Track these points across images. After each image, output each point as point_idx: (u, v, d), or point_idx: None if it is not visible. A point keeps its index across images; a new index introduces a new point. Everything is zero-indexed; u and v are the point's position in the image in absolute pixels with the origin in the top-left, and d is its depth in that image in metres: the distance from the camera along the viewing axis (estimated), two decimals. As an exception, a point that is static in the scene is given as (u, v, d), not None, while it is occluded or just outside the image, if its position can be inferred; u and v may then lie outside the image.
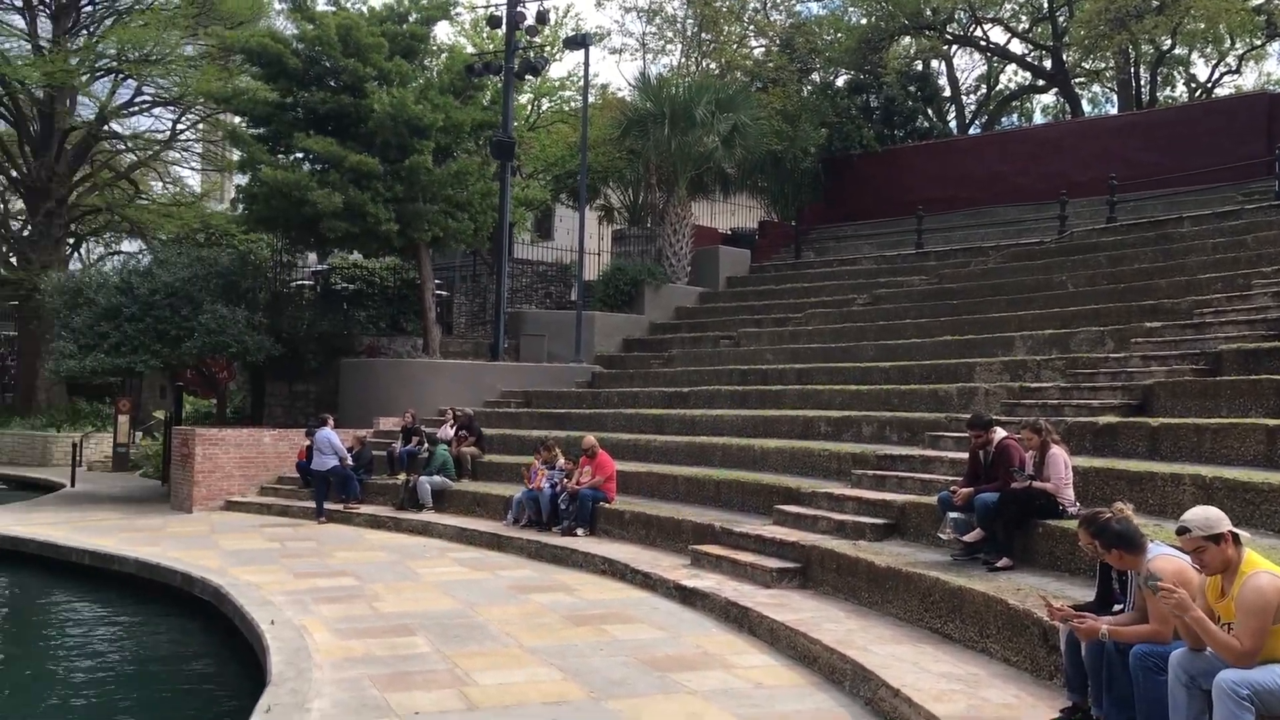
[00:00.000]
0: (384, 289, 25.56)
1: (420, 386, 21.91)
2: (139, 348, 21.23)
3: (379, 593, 11.56)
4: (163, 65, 34.42)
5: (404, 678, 8.10)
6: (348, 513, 17.74)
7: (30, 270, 32.99)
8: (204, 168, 44.27)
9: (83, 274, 24.96)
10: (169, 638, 12.07)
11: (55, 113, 35.35)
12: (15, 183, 37.98)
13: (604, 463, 14.83)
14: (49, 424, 33.72)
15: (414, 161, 21.09)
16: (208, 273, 22.40)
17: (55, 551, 15.84)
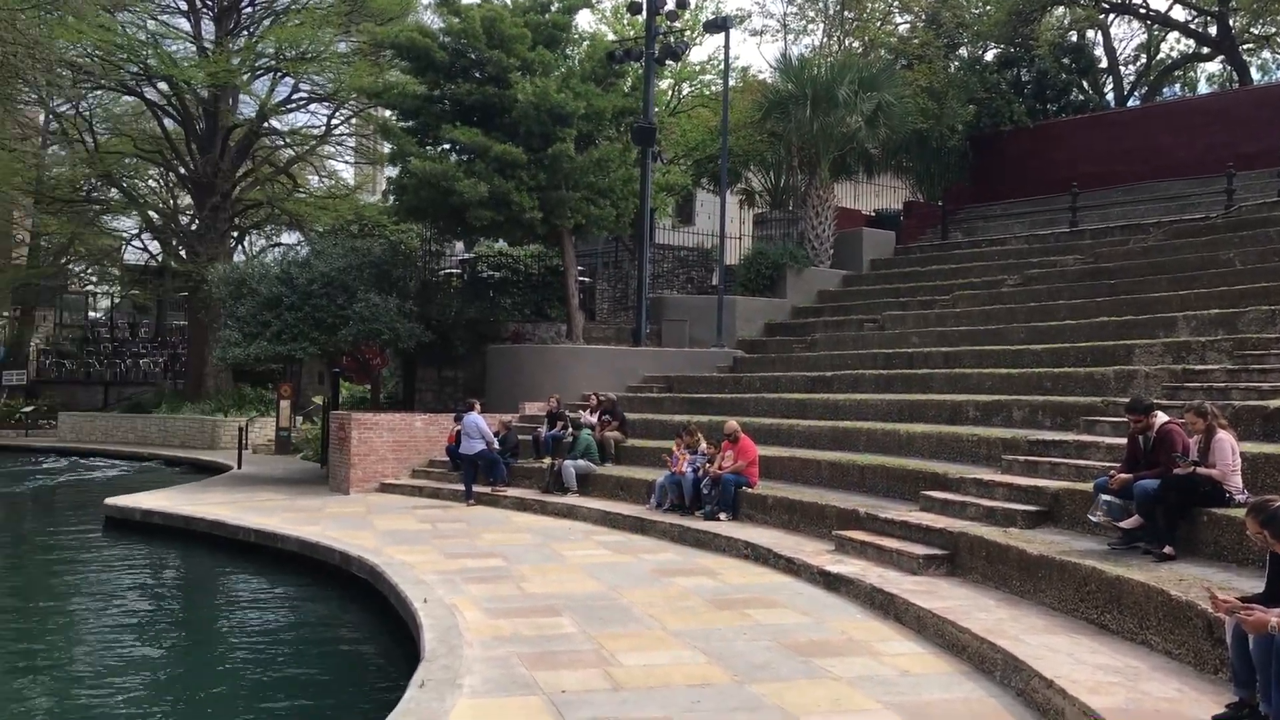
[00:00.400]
0: (528, 276, 26.01)
1: (564, 372, 22.23)
2: (298, 335, 22.15)
3: (526, 574, 11.80)
4: (318, 63, 35.74)
5: (550, 657, 8.26)
6: (495, 495, 18.15)
7: (198, 262, 34.74)
8: (357, 161, 45.82)
9: (246, 265, 26.12)
10: (328, 613, 12.57)
11: (219, 111, 37.08)
12: (184, 179, 40.03)
13: (746, 447, 14.78)
14: (217, 409, 35.51)
15: (557, 149, 21.36)
16: (361, 262, 23.18)
17: (224, 530, 16.66)
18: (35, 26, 30.06)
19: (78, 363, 46.79)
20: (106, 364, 46.26)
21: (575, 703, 7.09)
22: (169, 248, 41.82)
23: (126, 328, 50.88)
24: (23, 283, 45.61)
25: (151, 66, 35.51)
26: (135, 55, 35.28)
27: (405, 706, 7.06)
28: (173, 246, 41.35)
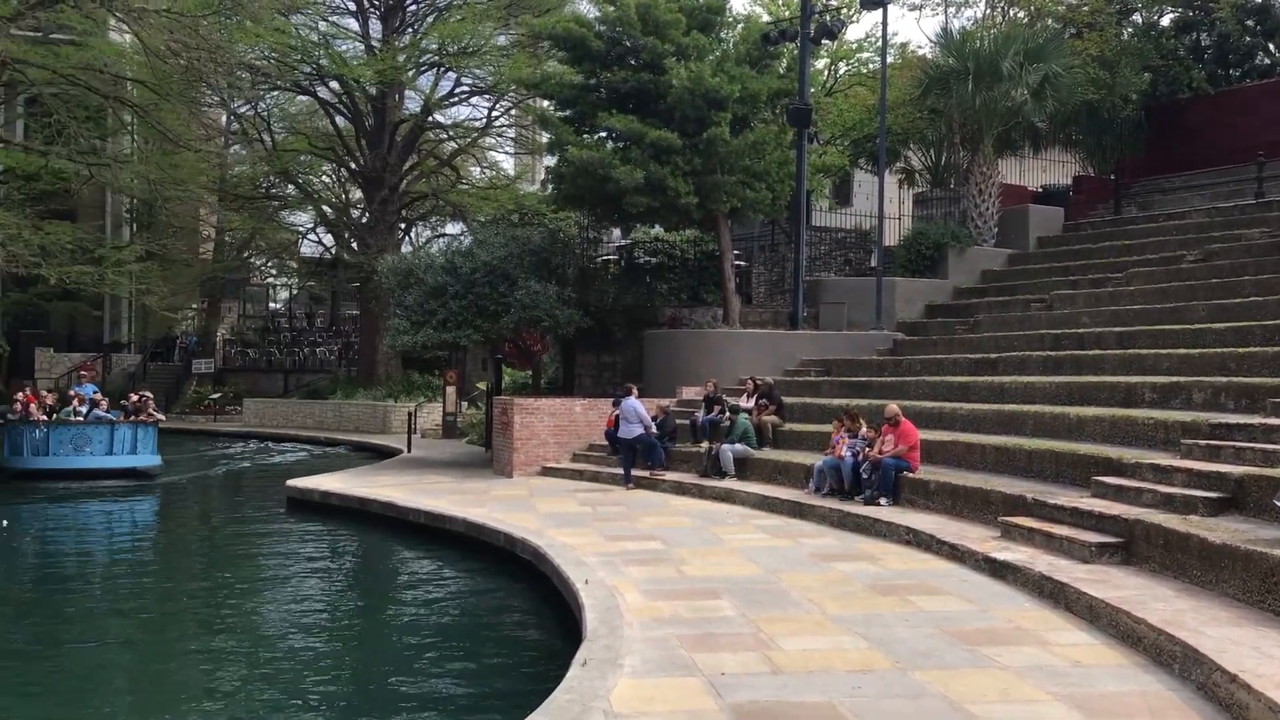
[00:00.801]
0: (684, 261, 26.10)
1: (720, 356, 22.24)
2: (463, 323, 22.82)
3: (684, 557, 11.88)
4: (478, 56, 36.63)
5: (710, 639, 8.31)
6: (653, 479, 18.32)
7: (369, 254, 36.11)
8: (517, 151, 46.79)
9: (413, 256, 27.06)
10: (493, 592, 12.94)
11: (386, 107, 38.44)
12: (354, 174, 41.67)
13: (907, 431, 14.52)
14: (387, 395, 36.91)
15: (712, 134, 21.35)
16: (521, 251, 23.69)
17: (396, 511, 17.33)
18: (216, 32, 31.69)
19: (260, 351, 49.33)
20: (286, 352, 48.61)
21: (734, 685, 7.13)
22: (341, 240, 43.61)
23: (304, 318, 53.41)
24: (209, 276, 48.35)
25: (323, 66, 37.08)
26: (308, 56, 36.91)
27: (568, 684, 7.22)
28: (345, 239, 43.09)
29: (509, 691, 8.77)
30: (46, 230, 30.46)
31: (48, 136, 35.86)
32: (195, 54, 29.99)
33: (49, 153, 33.26)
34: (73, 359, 46.34)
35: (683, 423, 19.82)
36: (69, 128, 33.03)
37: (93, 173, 34.25)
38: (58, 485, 22.41)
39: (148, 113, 33.63)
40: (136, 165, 36.72)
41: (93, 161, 33.55)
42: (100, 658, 10.32)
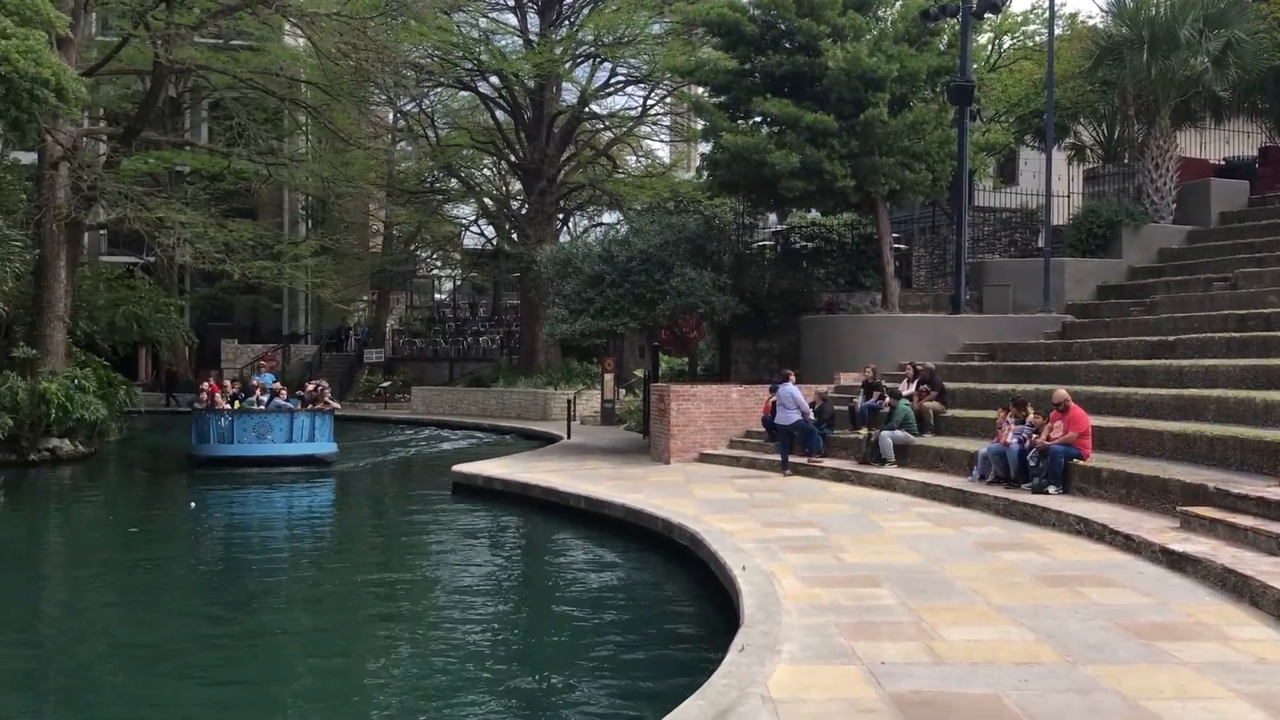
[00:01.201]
0: (842, 245, 25.73)
1: (879, 341, 21.86)
2: (620, 311, 23.06)
3: (843, 544, 11.75)
4: (634, 46, 36.89)
5: (869, 627, 8.20)
6: (811, 466, 18.16)
7: (528, 244, 36.87)
8: (672, 139, 46.95)
9: (570, 245, 27.48)
10: (651, 577, 13.07)
11: (544, 100, 39.13)
12: (514, 166, 42.58)
13: (1077, 417, 13.97)
14: (548, 382, 37.63)
15: (869, 115, 20.96)
16: (677, 238, 23.77)
17: (557, 496, 17.67)
18: (383, 32, 32.81)
19: (426, 341, 50.99)
20: (451, 341, 50.10)
21: (895, 674, 7.02)
22: (502, 231, 44.64)
23: (467, 308, 54.92)
24: (379, 269, 50.24)
25: (484, 62, 37.99)
26: (469, 52, 37.88)
27: (725, 669, 7.24)
28: (505, 230, 44.08)
29: (666, 675, 8.85)
30: (230, 228, 32.14)
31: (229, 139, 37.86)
32: (363, 55, 31.12)
33: (231, 154, 35.10)
34: (255, 350, 48.87)
35: (841, 409, 19.57)
36: (249, 130, 34.77)
37: (271, 172, 35.98)
38: (241, 471, 23.31)
39: (320, 113, 35.12)
40: (311, 164, 38.43)
41: (271, 161, 35.23)
42: (282, 628, 10.87)
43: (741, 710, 6.40)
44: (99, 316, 35.16)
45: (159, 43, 28.69)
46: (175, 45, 29.03)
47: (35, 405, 24.67)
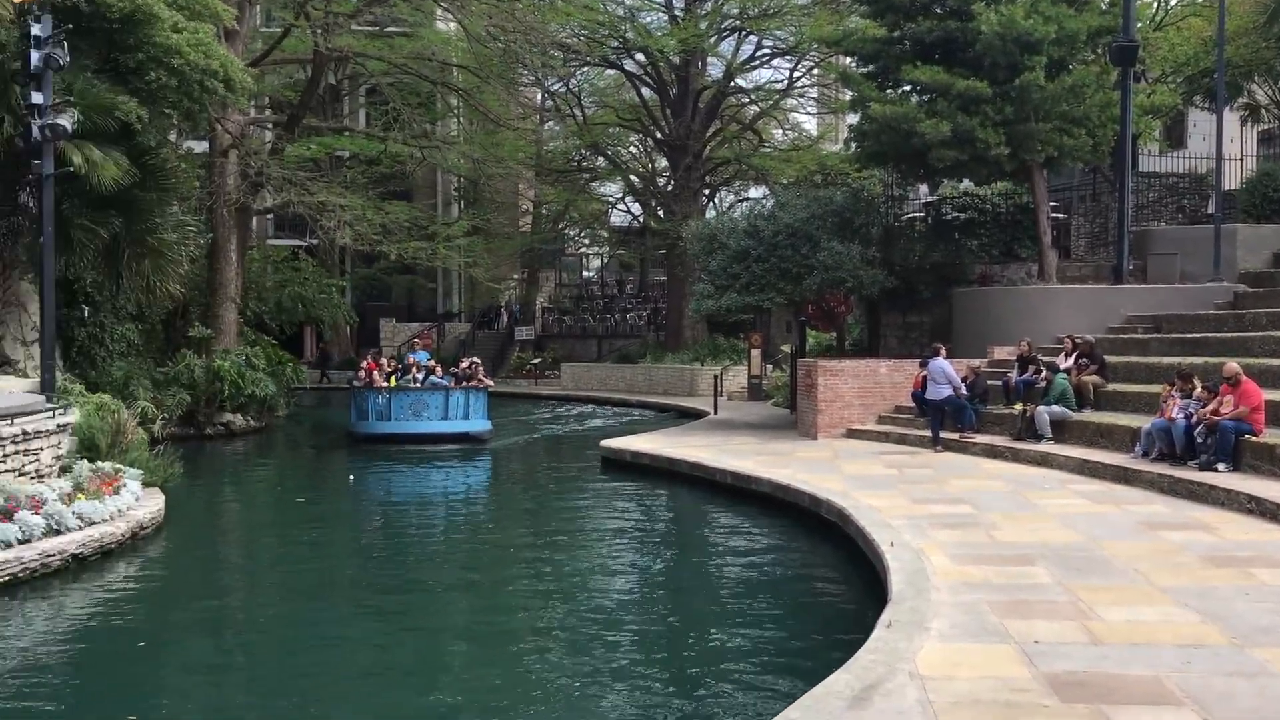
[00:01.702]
0: (996, 215, 24.97)
1: (1035, 314, 21.17)
2: (765, 286, 22.95)
3: (996, 521, 11.49)
4: (779, 18, 36.50)
5: (1022, 606, 8.02)
6: (963, 442, 17.76)
7: (674, 221, 36.97)
8: (819, 111, 46.31)
9: (716, 221, 27.41)
10: (798, 552, 13.04)
11: (690, 76, 39.08)
12: (659, 143, 42.72)
13: (1249, 391, 13.28)
14: (694, 358, 37.73)
15: (1024, 80, 20.26)
16: (824, 212, 23.48)
17: (703, 471, 17.76)
18: (531, 14, 33.33)
19: (575, 318, 51.74)
20: (598, 319, 50.70)
21: (1049, 654, 6.86)
22: (648, 208, 44.87)
23: (614, 285, 55.47)
24: (528, 248, 51.17)
25: (629, 40, 38.16)
26: (615, 30, 38.11)
27: (872, 645, 7.20)
28: (652, 207, 44.30)
29: (811, 649, 8.84)
30: (386, 210, 33.24)
31: (385, 123, 39.13)
32: (512, 36, 31.70)
33: (387, 138, 36.26)
34: (412, 328, 50.46)
35: (994, 384, 19.06)
36: (403, 114, 35.84)
37: (425, 155, 37.01)
38: (398, 449, 23.57)
39: (471, 96, 35.92)
40: (462, 146, 39.38)
41: (425, 144, 36.22)
42: (441, 600, 11.28)
43: (889, 686, 6.36)
44: (267, 297, 36.92)
45: (318, 32, 29.81)
46: (334, 34, 30.12)
47: (210, 382, 26.07)
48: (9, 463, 12.60)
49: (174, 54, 19.41)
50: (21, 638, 9.46)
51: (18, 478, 12.67)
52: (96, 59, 19.17)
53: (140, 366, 25.02)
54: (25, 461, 13.05)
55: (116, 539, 12.60)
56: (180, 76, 19.65)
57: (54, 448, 14.14)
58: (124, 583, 11.54)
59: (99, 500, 12.87)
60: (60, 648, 9.22)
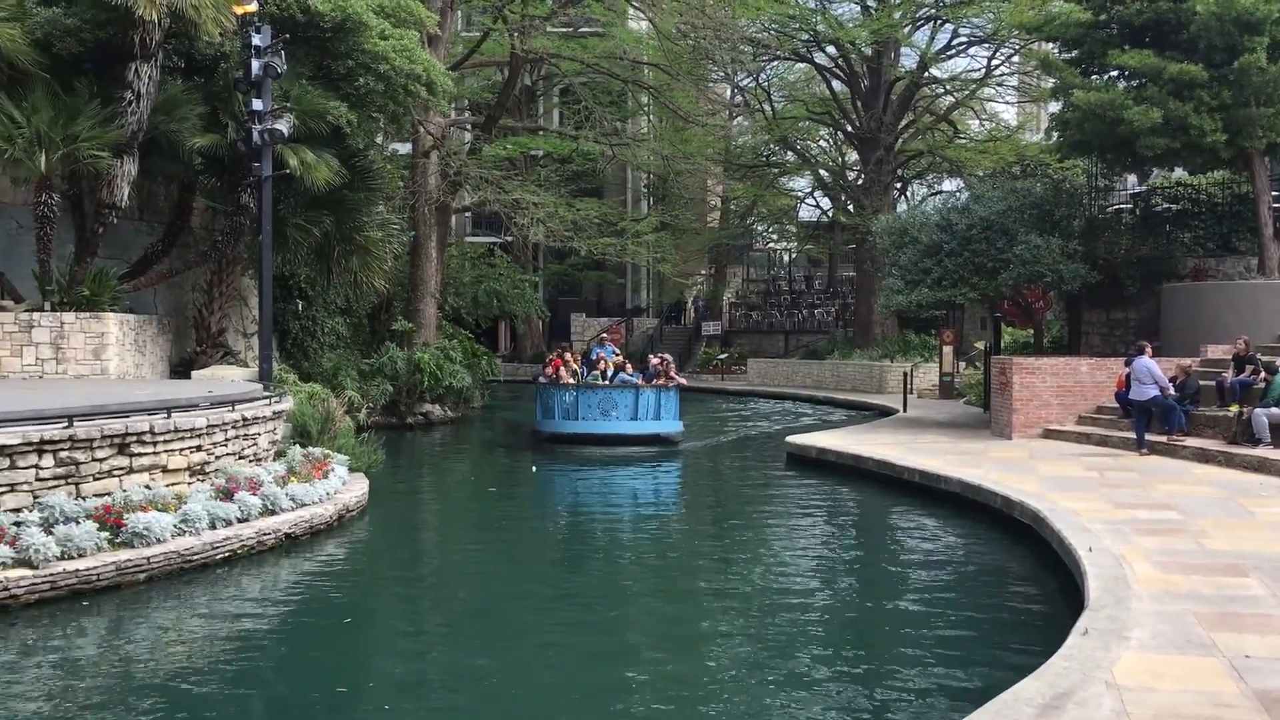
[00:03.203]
0: (1211, 206, 23.54)
1: (1255, 310, 19.87)
2: (958, 281, 22.33)
3: (1205, 529, 10.87)
4: (977, 5, 35.39)
5: (1233, 618, 7.58)
6: (1171, 445, 16.83)
7: (864, 215, 36.39)
8: (1018, 100, 44.69)
9: (907, 215, 26.84)
10: (989, 554, 12.64)
11: (882, 67, 38.35)
12: (850, 136, 42.12)
13: None
14: (883, 355, 37.07)
15: (1244, 62, 19.02)
16: (1021, 204, 22.67)
17: (890, 469, 17.45)
18: (721, 10, 33.39)
19: (762, 314, 51.59)
20: (785, 314, 50.40)
21: (1260, 669, 6.46)
22: (838, 203, 44.31)
23: (802, 280, 55.00)
24: (716, 243, 51.31)
25: (820, 32, 37.77)
26: (806, 23, 37.79)
27: (1066, 652, 6.95)
28: (841, 201, 43.73)
29: (1003, 654, 8.58)
30: (578, 207, 33.97)
31: (577, 122, 39.95)
32: (702, 33, 31.82)
33: (579, 136, 37.02)
34: (601, 323, 51.40)
35: (1207, 384, 17.97)
36: (595, 113, 36.51)
37: (615, 152, 37.61)
38: (586, 449, 22.57)
39: (661, 93, 36.28)
40: (652, 143, 39.83)
41: (615, 142, 36.82)
42: (627, 596, 11.49)
43: (1083, 695, 6.13)
44: (464, 292, 38.35)
45: (515, 35, 30.72)
46: (529, 36, 30.97)
47: (411, 374, 27.27)
48: (230, 446, 13.52)
49: (381, 60, 20.38)
50: (239, 610, 10.16)
51: (237, 460, 13.58)
52: (310, 66, 20.33)
53: (348, 358, 26.42)
54: (244, 445, 13.97)
55: (325, 520, 13.35)
56: (387, 81, 20.62)
57: (270, 433, 15.08)
58: (331, 562, 12.23)
59: (310, 483, 13.67)
60: (273, 620, 9.85)
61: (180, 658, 8.66)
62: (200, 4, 17.50)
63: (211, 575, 11.10)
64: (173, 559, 10.87)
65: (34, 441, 10.64)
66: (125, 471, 11.63)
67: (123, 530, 10.65)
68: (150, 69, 18.01)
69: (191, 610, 10.08)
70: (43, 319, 17.52)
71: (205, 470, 12.80)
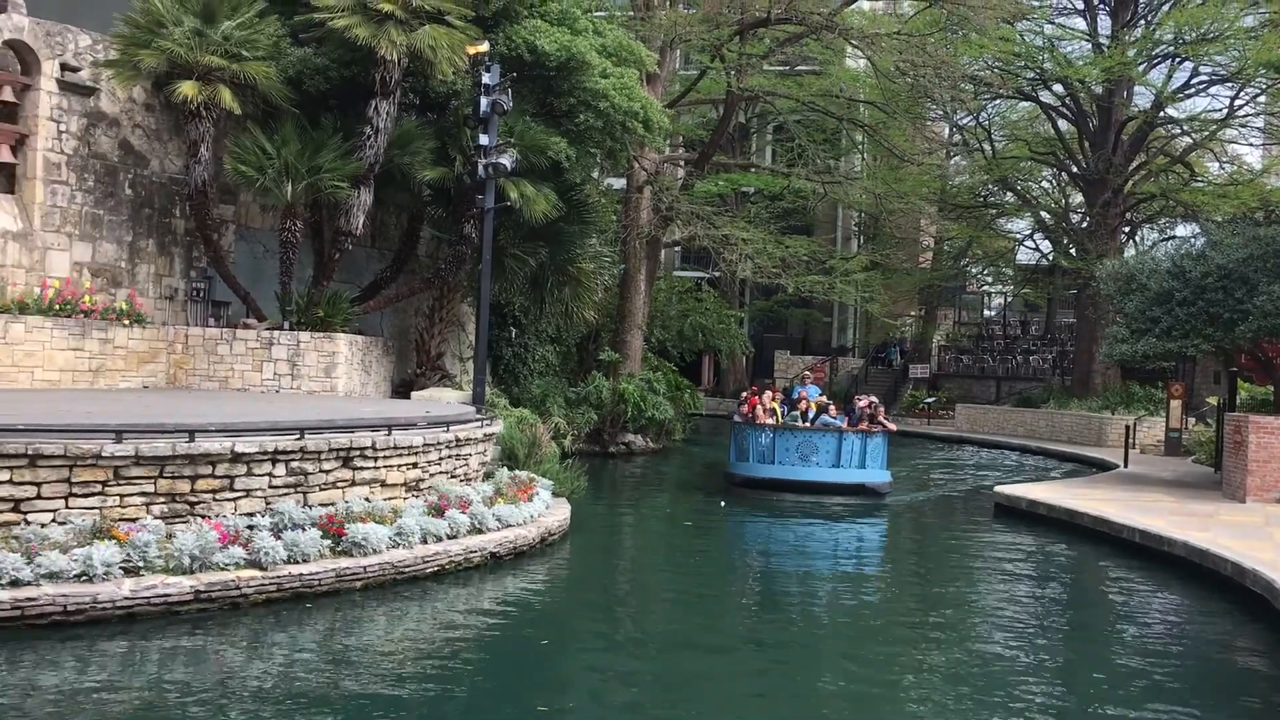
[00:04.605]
0: None
1: None
2: (1190, 332, 21.05)
3: None
4: (1220, 42, 33.42)
5: None
6: None
7: (1087, 260, 34.80)
8: (1264, 142, 41.92)
9: (1135, 261, 25.49)
10: (1217, 627, 11.80)
11: (1112, 106, 36.71)
12: (1075, 178, 40.44)
13: None
14: (1103, 406, 35.27)
15: None
16: (1265, 252, 21.17)
17: (1107, 527, 16.57)
18: (942, 48, 32.75)
19: (973, 358, 49.99)
20: (998, 359, 48.67)
21: None
22: (1059, 246, 42.54)
23: (1017, 325, 53.02)
24: (927, 284, 50.13)
25: (1046, 70, 36.52)
26: (1032, 61, 36.62)
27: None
28: (1063, 245, 41.99)
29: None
30: (786, 244, 33.89)
31: (790, 159, 39.92)
32: (921, 71, 31.31)
33: (791, 174, 36.98)
34: (805, 361, 50.99)
35: None
36: (808, 150, 36.44)
37: (827, 190, 37.39)
38: (781, 497, 21.06)
39: (876, 131, 35.89)
40: (865, 181, 39.36)
41: (827, 180, 36.62)
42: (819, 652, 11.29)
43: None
44: (670, 325, 38.83)
45: (732, 73, 31.05)
46: (746, 74, 31.23)
47: (615, 403, 27.80)
48: (443, 465, 14.11)
49: (601, 98, 21.01)
50: (445, 623, 10.57)
51: (449, 479, 14.15)
52: (534, 103, 21.14)
53: (556, 385, 27.17)
54: (456, 465, 14.56)
55: (529, 542, 13.74)
56: (605, 118, 21.23)
57: (480, 454, 15.66)
58: (532, 583, 12.57)
59: (515, 505, 14.10)
60: (476, 636, 10.20)
61: (388, 665, 9.06)
62: (437, 45, 18.52)
63: (421, 588, 11.59)
64: (387, 570, 11.41)
65: (269, 451, 11.40)
66: (348, 484, 12.31)
67: (343, 539, 11.27)
68: (389, 106, 19.16)
69: (402, 621, 10.56)
70: (281, 337, 18.80)
71: (419, 487, 13.39)
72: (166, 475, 10.70)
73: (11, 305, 16.77)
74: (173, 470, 10.73)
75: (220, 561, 10.25)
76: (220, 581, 10.11)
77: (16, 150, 17.63)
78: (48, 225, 17.84)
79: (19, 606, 9.10)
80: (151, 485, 10.64)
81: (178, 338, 19.16)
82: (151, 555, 9.98)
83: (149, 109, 19.44)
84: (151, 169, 19.54)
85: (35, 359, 16.86)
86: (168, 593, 9.79)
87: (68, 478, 10.16)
